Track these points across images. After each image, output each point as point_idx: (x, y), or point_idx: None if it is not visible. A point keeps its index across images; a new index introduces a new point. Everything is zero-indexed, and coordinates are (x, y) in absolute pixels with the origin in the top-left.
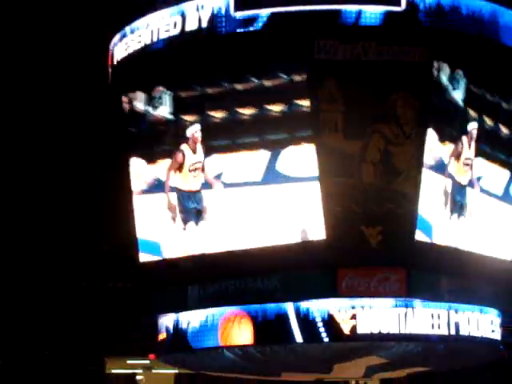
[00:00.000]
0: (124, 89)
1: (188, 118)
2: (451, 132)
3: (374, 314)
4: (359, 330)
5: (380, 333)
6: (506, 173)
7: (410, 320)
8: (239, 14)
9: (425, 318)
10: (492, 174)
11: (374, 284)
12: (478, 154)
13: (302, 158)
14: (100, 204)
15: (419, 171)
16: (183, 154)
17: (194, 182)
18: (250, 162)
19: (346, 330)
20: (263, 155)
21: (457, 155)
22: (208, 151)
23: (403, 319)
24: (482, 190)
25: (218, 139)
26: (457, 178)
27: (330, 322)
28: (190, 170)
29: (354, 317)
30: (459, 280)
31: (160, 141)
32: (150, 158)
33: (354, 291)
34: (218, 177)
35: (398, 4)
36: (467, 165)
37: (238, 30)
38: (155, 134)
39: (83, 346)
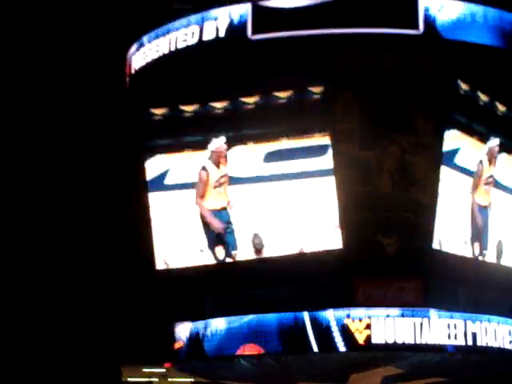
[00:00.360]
0: (142, 97)
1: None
2: None
3: (388, 324)
4: (374, 340)
5: (395, 343)
6: None
7: (425, 330)
8: (256, 37)
9: (441, 329)
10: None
11: (391, 294)
12: None
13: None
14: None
15: (436, 180)
16: (206, 171)
17: (219, 199)
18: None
19: (361, 340)
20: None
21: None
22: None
23: (419, 329)
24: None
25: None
26: (477, 199)
27: (345, 331)
28: (214, 187)
29: (368, 327)
30: (476, 290)
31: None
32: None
33: (371, 301)
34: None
35: (417, 27)
36: (488, 184)
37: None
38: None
39: (100, 354)
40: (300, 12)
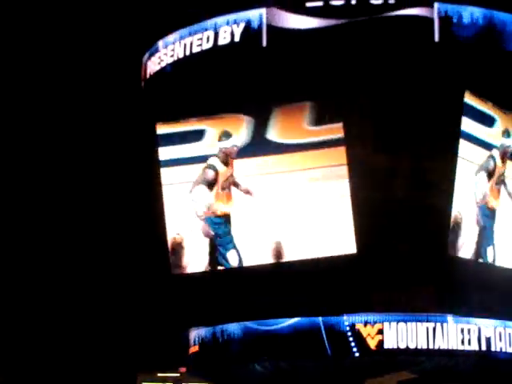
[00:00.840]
0: (156, 102)
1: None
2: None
3: (401, 329)
4: (386, 345)
5: (408, 348)
6: None
7: (439, 335)
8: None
9: (455, 334)
10: None
11: (405, 299)
12: None
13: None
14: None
15: (452, 185)
16: (215, 170)
17: (227, 202)
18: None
19: (373, 345)
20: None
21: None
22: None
23: (432, 334)
24: None
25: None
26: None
27: (357, 336)
28: (222, 188)
29: (380, 331)
30: (491, 295)
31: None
32: None
33: (385, 306)
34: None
35: (432, 38)
36: (499, 183)
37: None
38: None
39: (116, 359)
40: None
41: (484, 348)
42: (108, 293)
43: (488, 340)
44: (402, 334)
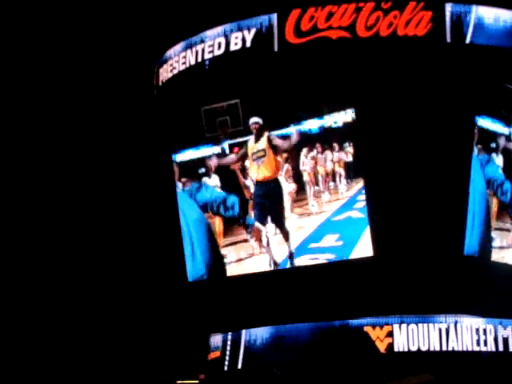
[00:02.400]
0: (169, 109)
1: None
2: None
3: (412, 331)
4: (396, 348)
5: (419, 350)
6: None
7: (452, 336)
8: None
9: (469, 334)
10: None
11: (423, 300)
12: None
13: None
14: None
15: (467, 184)
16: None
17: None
18: None
19: (382, 349)
20: None
21: None
22: None
23: (445, 335)
24: None
25: None
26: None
27: (365, 339)
28: (253, 159)
29: (390, 334)
30: (509, 295)
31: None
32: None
33: (402, 308)
34: None
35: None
36: None
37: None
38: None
39: (134, 367)
40: None
41: (501, 349)
42: (125, 302)
43: (505, 340)
44: (412, 336)
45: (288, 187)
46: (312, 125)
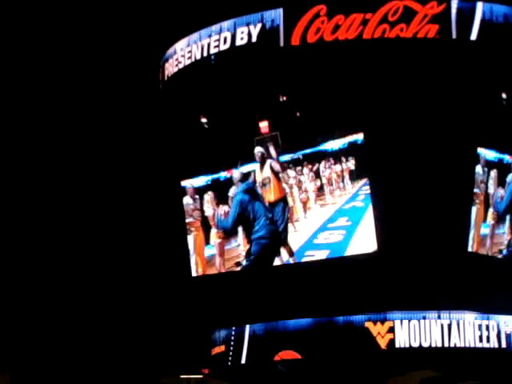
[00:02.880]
0: (175, 103)
1: None
2: None
3: (413, 327)
4: (397, 344)
5: (421, 346)
6: None
7: (454, 332)
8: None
9: (472, 331)
10: None
11: (427, 296)
12: None
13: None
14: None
15: (472, 180)
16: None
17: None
18: None
19: (383, 345)
20: None
21: None
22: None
23: (447, 332)
24: None
25: None
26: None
27: (366, 335)
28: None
29: (391, 330)
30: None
31: None
32: None
33: (407, 304)
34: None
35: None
36: None
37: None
38: None
39: (138, 361)
40: None
41: (504, 345)
42: (128, 296)
43: (508, 336)
44: (414, 332)
45: (311, 186)
46: (328, 146)
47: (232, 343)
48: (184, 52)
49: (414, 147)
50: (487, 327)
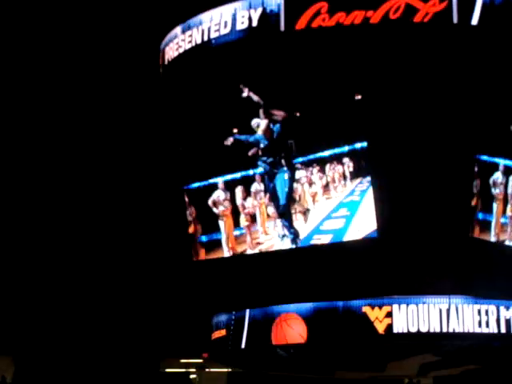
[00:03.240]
0: (175, 88)
1: None
2: None
3: (412, 312)
4: (395, 329)
5: (419, 332)
6: None
7: (453, 317)
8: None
9: (471, 315)
10: None
11: (426, 282)
12: None
13: None
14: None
15: (473, 166)
16: None
17: None
18: None
19: (381, 330)
20: None
21: None
22: None
23: (445, 317)
24: None
25: None
26: None
27: (364, 320)
28: None
29: (389, 315)
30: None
31: None
32: None
33: (407, 289)
34: None
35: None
36: None
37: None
38: None
39: (138, 345)
40: None
41: (503, 330)
42: (130, 280)
43: (508, 322)
44: (412, 317)
45: (319, 183)
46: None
47: (232, 328)
48: (184, 36)
49: (415, 136)
50: (486, 312)
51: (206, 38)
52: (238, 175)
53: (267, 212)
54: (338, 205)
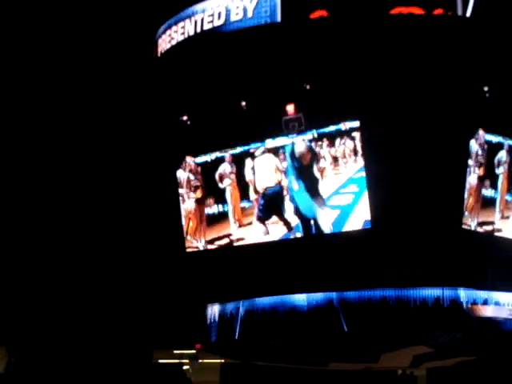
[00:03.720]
0: (169, 80)
1: None
2: None
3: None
4: (391, 321)
5: (414, 323)
6: None
7: (447, 309)
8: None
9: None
10: None
11: (421, 273)
12: None
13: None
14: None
15: (466, 157)
16: None
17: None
18: None
19: (377, 321)
20: None
21: None
22: None
23: (440, 308)
24: None
25: None
26: None
27: (361, 312)
28: None
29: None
30: (505, 268)
31: None
32: None
33: (401, 281)
34: None
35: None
36: None
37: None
38: None
39: (131, 336)
40: None
41: (497, 320)
42: (122, 271)
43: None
44: (406, 308)
45: (328, 158)
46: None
47: (226, 318)
48: (177, 28)
49: (409, 126)
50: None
51: (198, 30)
52: (246, 148)
53: None
54: (347, 180)
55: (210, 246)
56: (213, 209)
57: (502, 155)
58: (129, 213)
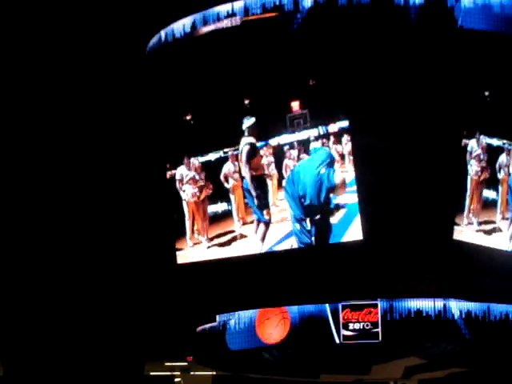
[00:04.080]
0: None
1: None
2: None
3: (400, 314)
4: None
5: (406, 334)
6: None
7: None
8: None
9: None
10: None
11: (412, 284)
12: None
13: None
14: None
15: (458, 168)
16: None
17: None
18: None
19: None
20: None
21: None
22: None
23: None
24: None
25: None
26: None
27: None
28: None
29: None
30: (498, 280)
31: None
32: None
33: (392, 292)
34: None
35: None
36: None
37: None
38: None
39: (123, 348)
40: None
41: (488, 331)
42: (115, 283)
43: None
44: (399, 319)
45: (336, 156)
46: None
47: (218, 331)
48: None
49: (401, 133)
50: (472, 315)
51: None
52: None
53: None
54: (353, 179)
55: (213, 243)
56: (217, 207)
57: (503, 159)
58: (122, 227)
